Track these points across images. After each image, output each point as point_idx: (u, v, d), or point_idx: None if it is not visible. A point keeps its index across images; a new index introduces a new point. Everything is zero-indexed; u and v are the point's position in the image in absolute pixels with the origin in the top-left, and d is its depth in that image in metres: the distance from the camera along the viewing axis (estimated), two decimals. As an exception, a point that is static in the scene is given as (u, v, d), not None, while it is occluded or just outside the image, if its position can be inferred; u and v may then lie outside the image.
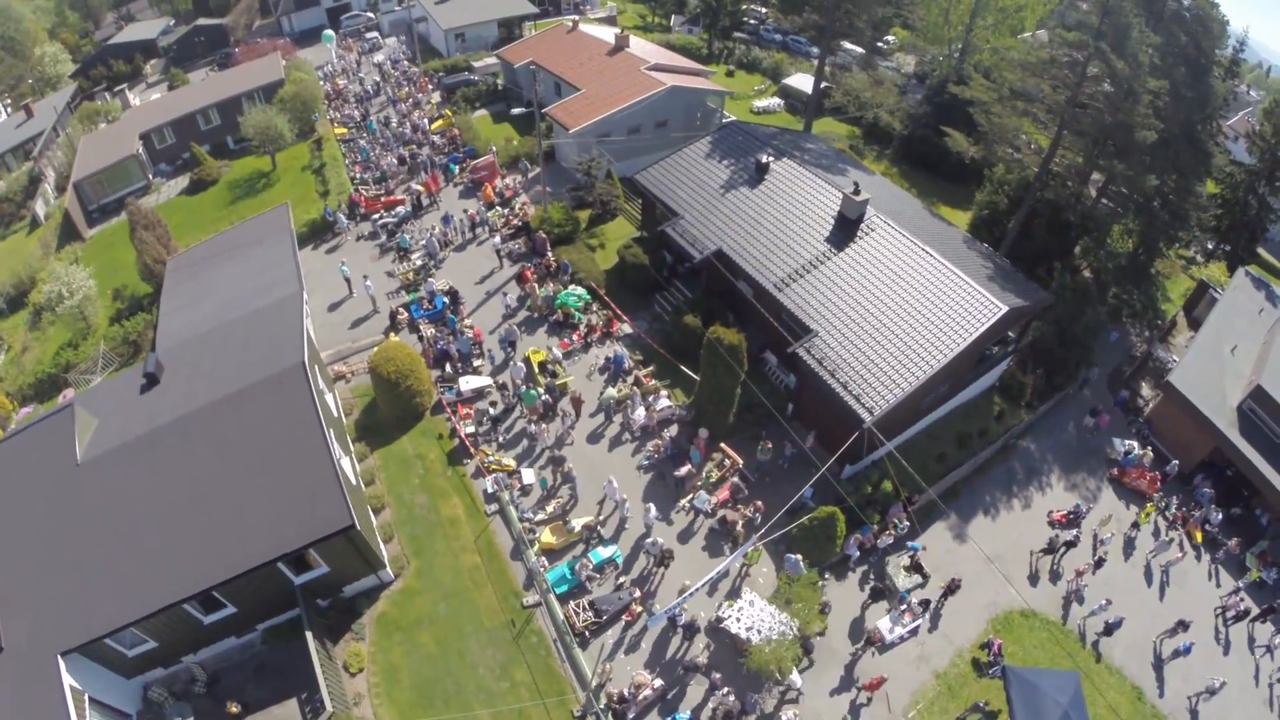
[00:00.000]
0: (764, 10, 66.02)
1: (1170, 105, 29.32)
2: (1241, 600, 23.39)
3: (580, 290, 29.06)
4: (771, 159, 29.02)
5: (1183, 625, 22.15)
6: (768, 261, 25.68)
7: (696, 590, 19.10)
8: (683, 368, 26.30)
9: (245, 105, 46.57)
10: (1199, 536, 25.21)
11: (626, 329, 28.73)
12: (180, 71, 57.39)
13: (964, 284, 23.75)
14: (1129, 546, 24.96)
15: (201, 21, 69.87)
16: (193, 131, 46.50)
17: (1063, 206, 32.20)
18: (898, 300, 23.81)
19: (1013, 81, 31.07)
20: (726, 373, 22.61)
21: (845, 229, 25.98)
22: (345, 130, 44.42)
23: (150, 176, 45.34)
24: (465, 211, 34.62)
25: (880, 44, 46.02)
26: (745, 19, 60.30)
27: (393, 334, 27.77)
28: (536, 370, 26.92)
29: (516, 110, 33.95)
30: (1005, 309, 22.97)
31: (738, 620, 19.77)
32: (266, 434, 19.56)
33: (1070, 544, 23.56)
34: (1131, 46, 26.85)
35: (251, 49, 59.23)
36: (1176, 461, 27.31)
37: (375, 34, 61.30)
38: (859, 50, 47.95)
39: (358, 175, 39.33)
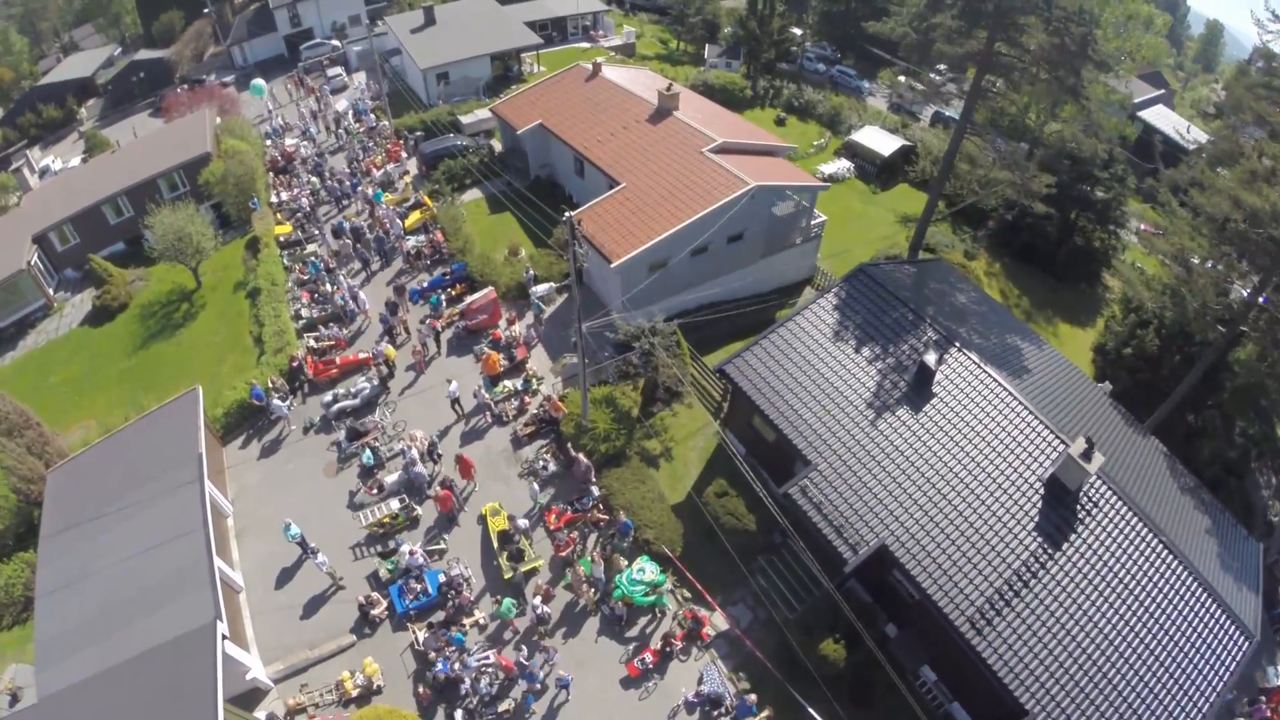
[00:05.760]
0: (799, 32, 54.92)
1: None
2: None
3: (650, 569, 18.64)
4: (936, 353, 18.90)
5: None
6: (954, 568, 16.04)
7: None
8: (811, 711, 16.54)
9: (163, 189, 35.88)
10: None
11: (720, 622, 18.77)
12: (96, 131, 46.23)
13: (1211, 608, 16.56)
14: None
15: (141, 55, 58.44)
16: (100, 227, 35.79)
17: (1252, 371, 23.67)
18: (1134, 642, 15.84)
19: (1210, 209, 21.73)
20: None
21: (1059, 503, 16.70)
22: (290, 229, 33.32)
23: (51, 292, 34.65)
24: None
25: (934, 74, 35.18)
26: (791, 46, 49.31)
27: (368, 661, 17.60)
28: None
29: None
30: (1254, 642, 16.53)
31: None
32: None
33: None
34: None
35: (192, 95, 47.92)
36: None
37: (340, 70, 49.69)
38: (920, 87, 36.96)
39: (305, 307, 28.67)
